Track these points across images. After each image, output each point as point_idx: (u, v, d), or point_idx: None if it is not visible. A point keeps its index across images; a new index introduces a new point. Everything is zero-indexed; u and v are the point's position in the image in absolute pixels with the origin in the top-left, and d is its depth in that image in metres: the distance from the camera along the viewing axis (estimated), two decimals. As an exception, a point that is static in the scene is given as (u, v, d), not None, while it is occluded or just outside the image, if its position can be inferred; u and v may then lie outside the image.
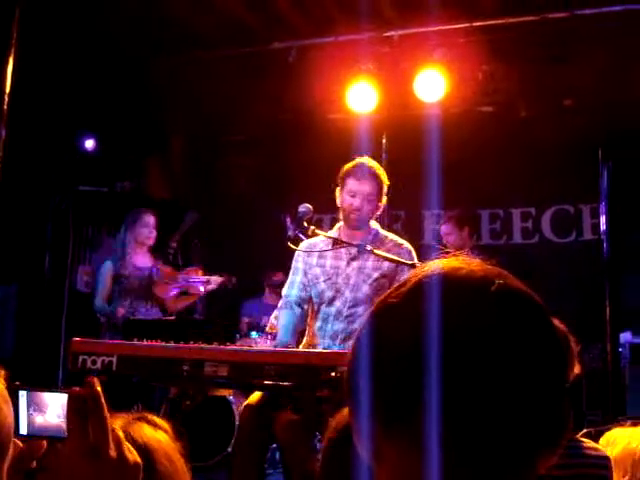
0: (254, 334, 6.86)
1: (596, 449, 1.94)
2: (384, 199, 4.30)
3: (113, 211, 6.69)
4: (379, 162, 7.01)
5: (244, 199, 8.17)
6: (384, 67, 6.77)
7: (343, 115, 7.17)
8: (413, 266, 4.00)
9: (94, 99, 7.28)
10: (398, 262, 4.05)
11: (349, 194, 4.20)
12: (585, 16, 6.28)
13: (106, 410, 1.06)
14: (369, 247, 4.01)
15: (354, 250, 4.19)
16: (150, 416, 1.43)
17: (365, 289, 4.15)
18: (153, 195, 7.96)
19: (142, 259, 6.27)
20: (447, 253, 0.97)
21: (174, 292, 6.32)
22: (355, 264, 4.20)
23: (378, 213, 4.33)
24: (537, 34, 6.49)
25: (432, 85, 6.61)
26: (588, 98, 6.98)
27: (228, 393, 5.69)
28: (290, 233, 4.21)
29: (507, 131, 7.32)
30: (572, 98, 7.19)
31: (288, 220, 4.30)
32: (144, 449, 1.31)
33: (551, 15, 6.33)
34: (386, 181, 4.29)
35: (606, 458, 1.92)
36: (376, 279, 4.14)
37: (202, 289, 6.27)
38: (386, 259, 4.07)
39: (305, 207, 4.20)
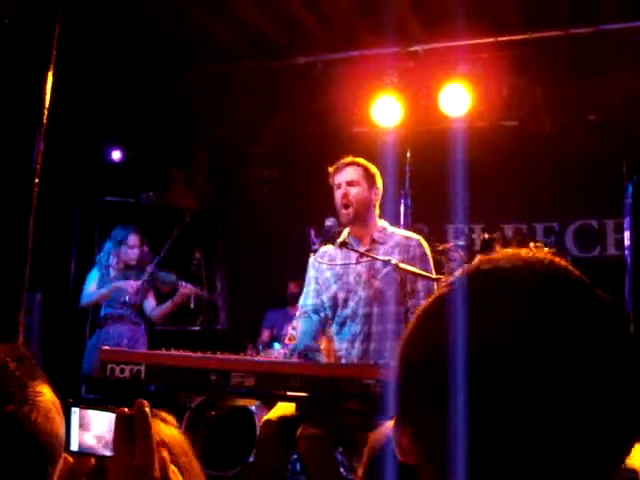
0: (276, 345, 6.88)
1: (625, 463, 1.95)
2: (377, 186, 4.31)
3: (139, 222, 6.75)
4: (403, 176, 7.12)
5: (268, 211, 8.21)
6: (409, 81, 6.80)
7: (368, 129, 7.19)
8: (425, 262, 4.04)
9: (121, 112, 7.36)
10: (423, 276, 4.07)
11: (336, 188, 4.28)
12: (610, 31, 6.28)
13: (153, 431, 1.09)
14: (394, 261, 4.01)
15: (362, 248, 4.20)
16: (157, 411, 1.45)
17: (376, 285, 4.14)
18: (177, 206, 8.01)
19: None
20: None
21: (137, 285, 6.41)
22: (364, 261, 4.20)
23: (374, 202, 4.31)
24: (562, 49, 6.49)
25: (457, 99, 6.63)
26: (612, 113, 6.96)
27: (251, 404, 5.71)
28: (316, 247, 4.23)
29: (531, 146, 7.31)
30: (596, 113, 7.17)
31: (312, 233, 4.32)
32: (162, 445, 1.33)
33: (576, 30, 6.34)
34: (372, 169, 4.32)
35: (635, 472, 1.93)
36: (386, 274, 4.14)
37: (185, 290, 6.30)
38: (409, 272, 4.07)
39: (331, 221, 4.22)
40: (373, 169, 4.33)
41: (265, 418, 4.08)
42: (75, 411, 1.16)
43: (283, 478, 4.24)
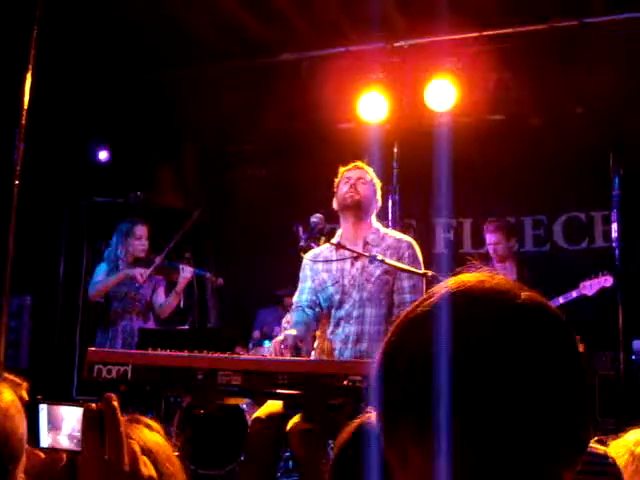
0: (267, 343, 6.88)
1: (596, 448, 1.94)
2: (378, 197, 4.46)
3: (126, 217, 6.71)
4: (390, 171, 7.12)
5: (256, 209, 8.20)
6: (394, 77, 6.80)
7: (354, 125, 7.20)
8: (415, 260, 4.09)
9: (107, 111, 7.34)
10: (408, 271, 4.10)
11: (344, 182, 4.40)
12: (594, 24, 6.29)
13: (122, 425, 1.08)
14: (380, 257, 4.08)
15: (357, 251, 4.25)
16: (142, 417, 1.44)
17: (369, 288, 4.23)
18: (166, 205, 7.99)
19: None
20: (473, 265, 1.00)
21: (160, 287, 6.36)
22: (358, 264, 4.29)
23: (374, 206, 4.44)
24: (547, 42, 6.50)
25: (442, 94, 6.63)
26: (599, 105, 6.98)
27: (241, 402, 5.71)
28: (302, 243, 4.27)
29: (518, 139, 7.33)
30: (583, 106, 7.19)
31: (300, 230, 4.35)
32: (147, 452, 1.32)
33: (560, 24, 6.35)
34: (376, 180, 4.47)
35: (607, 456, 1.93)
36: (378, 276, 4.22)
37: (186, 274, 6.24)
38: (396, 268, 4.11)
39: (317, 217, 4.27)
40: (378, 182, 4.50)
41: (254, 416, 4.09)
42: (43, 407, 1.16)
43: (274, 476, 4.25)
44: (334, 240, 4.34)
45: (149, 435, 1.38)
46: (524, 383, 0.86)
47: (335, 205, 4.45)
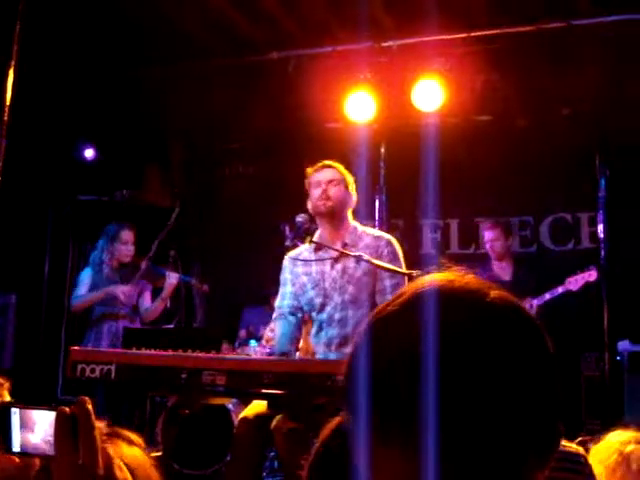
0: (253, 342, 6.86)
1: (569, 447, 1.94)
2: (352, 190, 4.39)
3: (113, 220, 6.68)
4: (377, 171, 7.13)
5: (242, 207, 8.19)
6: (382, 77, 6.79)
7: (341, 124, 7.19)
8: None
9: (93, 109, 7.30)
10: (393, 271, 4.09)
11: (314, 187, 4.32)
12: (582, 26, 6.30)
13: (96, 429, 1.07)
14: (366, 257, 4.06)
15: (335, 252, 4.23)
16: (122, 431, 1.42)
17: (350, 290, 4.19)
18: (152, 204, 7.96)
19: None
20: (444, 265, 0.99)
21: (146, 291, 6.34)
22: (339, 266, 4.25)
23: (349, 205, 4.37)
24: (534, 44, 6.51)
25: (430, 94, 6.63)
26: (586, 107, 7.00)
27: (227, 401, 5.69)
28: (288, 242, 4.25)
29: (505, 140, 7.33)
30: (570, 107, 7.21)
31: (287, 229, 4.34)
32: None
33: (548, 25, 6.36)
34: (349, 176, 4.40)
35: (579, 455, 1.92)
36: (359, 278, 4.19)
37: (172, 280, 6.21)
38: (382, 268, 4.10)
39: (302, 217, 4.25)
40: (350, 176, 4.41)
41: (241, 416, 4.08)
42: (15, 411, 1.15)
43: (260, 475, 4.24)
44: (314, 239, 4.28)
45: (127, 450, 1.37)
46: (493, 383, 0.85)
47: (309, 208, 4.40)
